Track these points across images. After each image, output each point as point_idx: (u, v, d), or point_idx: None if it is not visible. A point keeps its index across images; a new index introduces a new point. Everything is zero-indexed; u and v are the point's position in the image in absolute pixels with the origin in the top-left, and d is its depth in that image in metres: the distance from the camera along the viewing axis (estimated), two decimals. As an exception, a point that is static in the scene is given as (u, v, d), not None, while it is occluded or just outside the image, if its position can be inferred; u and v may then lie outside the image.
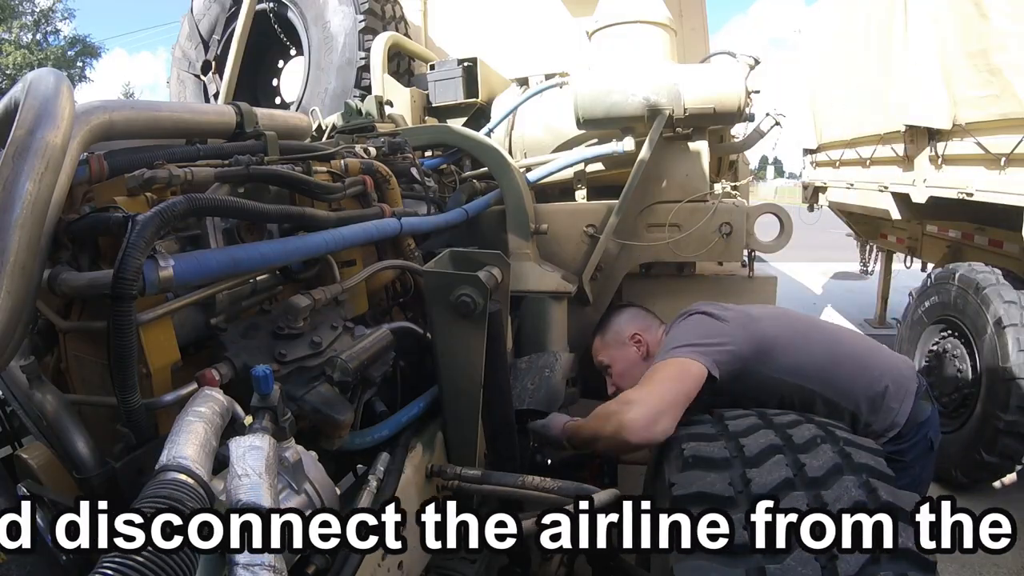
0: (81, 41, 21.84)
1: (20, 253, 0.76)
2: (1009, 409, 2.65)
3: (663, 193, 2.17)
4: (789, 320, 1.59)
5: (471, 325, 1.22)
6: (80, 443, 0.88)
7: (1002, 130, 2.82)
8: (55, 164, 0.80)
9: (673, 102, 2.03)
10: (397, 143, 1.78)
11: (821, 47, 5.44)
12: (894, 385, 1.47)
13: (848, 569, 0.83)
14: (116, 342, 0.78)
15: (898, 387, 1.48)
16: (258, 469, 0.71)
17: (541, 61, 2.83)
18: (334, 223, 1.25)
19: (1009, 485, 3.02)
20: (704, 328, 1.49)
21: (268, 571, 0.62)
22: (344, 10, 3.16)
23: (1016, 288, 2.86)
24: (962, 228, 3.71)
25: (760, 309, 1.64)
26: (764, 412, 1.27)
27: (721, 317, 1.51)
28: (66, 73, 1.21)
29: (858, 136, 4.59)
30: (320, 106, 2.97)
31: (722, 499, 0.97)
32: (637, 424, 1.28)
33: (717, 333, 1.47)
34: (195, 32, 3.68)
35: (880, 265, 5.80)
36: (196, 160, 1.15)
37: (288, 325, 1.09)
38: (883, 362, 1.52)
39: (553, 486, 1.24)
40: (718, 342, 1.44)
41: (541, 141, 2.49)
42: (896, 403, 1.46)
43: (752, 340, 1.47)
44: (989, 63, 2.80)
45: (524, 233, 2.06)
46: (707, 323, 1.51)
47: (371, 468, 1.15)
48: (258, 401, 0.86)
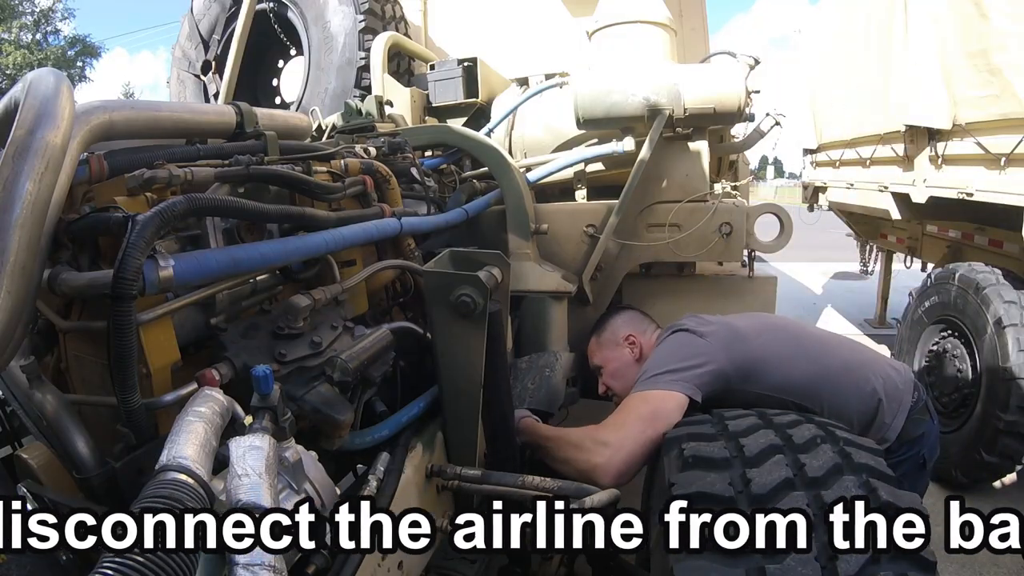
0: (81, 41, 21.85)
1: (20, 253, 0.76)
2: (1009, 409, 2.65)
3: (663, 193, 2.17)
4: (778, 332, 1.56)
5: (471, 325, 1.22)
6: (80, 443, 0.88)
7: (1002, 130, 2.83)
8: (55, 164, 0.80)
9: (673, 102, 2.03)
10: (397, 143, 1.78)
11: (821, 47, 5.44)
12: (888, 399, 1.45)
13: (848, 569, 0.83)
14: (116, 342, 0.78)
15: (891, 401, 1.46)
16: (258, 469, 0.71)
17: (541, 61, 2.83)
18: (334, 223, 1.25)
19: (1009, 485, 3.02)
20: (685, 350, 1.49)
21: (268, 571, 0.62)
22: (344, 10, 3.16)
23: (1016, 288, 2.86)
24: (962, 228, 3.71)
25: (748, 321, 1.61)
26: (764, 412, 1.27)
27: (702, 334, 1.50)
28: (66, 73, 1.21)
29: (858, 136, 4.59)
30: (320, 106, 2.97)
31: (722, 499, 0.97)
32: (608, 471, 1.34)
33: (697, 353, 1.46)
34: (195, 32, 3.69)
35: (880, 265, 5.80)
36: (196, 160, 1.15)
37: (288, 325, 1.09)
38: (877, 373, 1.49)
39: (553, 486, 1.24)
40: (698, 363, 1.44)
41: (541, 141, 2.49)
42: (889, 418, 1.45)
43: (735, 359, 1.46)
44: (989, 63, 2.80)
45: (524, 233, 2.06)
46: (687, 343, 1.50)
47: (371, 468, 1.15)
48: (258, 401, 0.86)
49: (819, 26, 5.53)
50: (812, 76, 5.69)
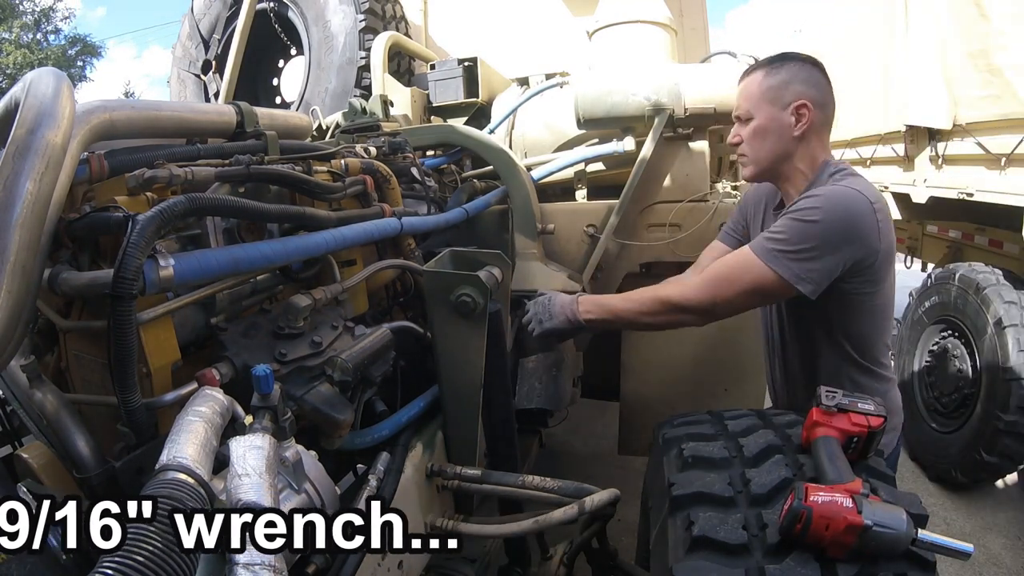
0: (81, 40, 21.84)
1: (20, 252, 0.76)
2: (1009, 409, 2.65)
3: (663, 193, 2.17)
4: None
5: (471, 325, 1.22)
6: (80, 442, 0.88)
7: (1002, 130, 2.83)
8: (55, 163, 0.80)
9: (674, 102, 2.03)
10: (398, 143, 1.78)
11: (821, 47, 5.43)
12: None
13: (848, 569, 0.83)
14: (116, 341, 0.78)
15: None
16: (258, 469, 0.71)
17: (542, 61, 2.83)
18: (334, 223, 1.25)
19: (1009, 485, 3.02)
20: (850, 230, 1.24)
21: (268, 571, 0.62)
22: (344, 9, 3.16)
23: (1016, 288, 2.86)
24: (962, 228, 3.71)
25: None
26: (764, 412, 1.27)
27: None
28: (66, 73, 1.20)
29: (858, 136, 4.59)
30: (320, 106, 2.97)
31: (722, 499, 0.97)
32: (698, 292, 1.30)
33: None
34: (196, 31, 3.69)
35: (880, 265, 5.79)
36: (196, 160, 1.15)
37: (288, 325, 1.09)
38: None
39: (553, 486, 1.24)
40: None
41: (542, 141, 2.49)
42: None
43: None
44: (990, 63, 2.80)
45: (531, 233, 2.07)
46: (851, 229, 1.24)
47: (371, 468, 1.15)
48: (258, 401, 0.86)
49: (819, 26, 5.52)
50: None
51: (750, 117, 1.39)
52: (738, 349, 2.13)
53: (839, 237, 1.21)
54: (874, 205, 1.23)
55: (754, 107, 1.38)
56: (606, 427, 3.44)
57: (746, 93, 1.40)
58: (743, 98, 1.41)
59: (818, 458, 0.96)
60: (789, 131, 1.35)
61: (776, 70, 1.36)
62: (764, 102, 1.36)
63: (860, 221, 1.21)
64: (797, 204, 1.27)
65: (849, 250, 1.21)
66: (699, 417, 1.28)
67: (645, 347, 2.26)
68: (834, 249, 1.21)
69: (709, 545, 0.89)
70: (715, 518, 0.92)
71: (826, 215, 1.21)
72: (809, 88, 1.34)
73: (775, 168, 1.40)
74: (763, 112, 1.37)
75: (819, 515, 0.82)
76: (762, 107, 1.37)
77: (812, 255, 1.21)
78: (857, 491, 0.86)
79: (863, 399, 1.02)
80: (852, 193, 1.23)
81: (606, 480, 1.27)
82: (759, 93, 1.37)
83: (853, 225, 1.21)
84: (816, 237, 1.21)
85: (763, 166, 1.40)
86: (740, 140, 1.42)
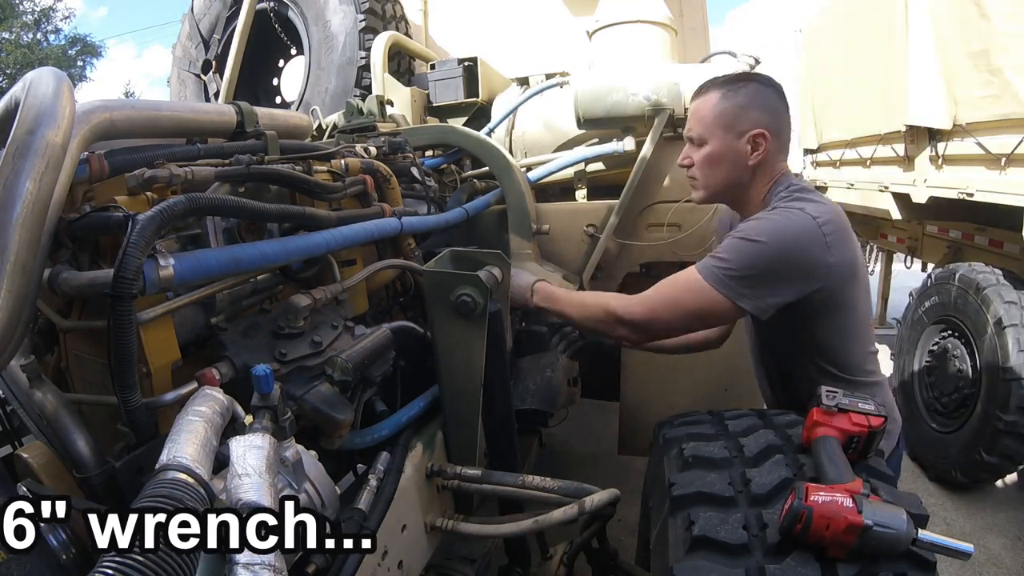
0: (81, 40, 21.84)
1: (21, 252, 0.76)
2: (1009, 409, 2.65)
3: (663, 193, 2.17)
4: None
5: (471, 325, 1.22)
6: (80, 442, 0.88)
7: (1002, 130, 2.83)
8: (55, 163, 0.80)
9: (674, 102, 2.03)
10: (397, 143, 1.78)
11: (821, 46, 5.44)
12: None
13: (848, 569, 0.83)
14: (116, 341, 0.78)
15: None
16: (258, 468, 0.71)
17: (541, 60, 2.84)
18: (334, 222, 1.25)
19: (1009, 485, 3.02)
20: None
21: (268, 571, 0.62)
22: (344, 9, 3.16)
23: (1016, 288, 2.86)
24: (962, 228, 3.71)
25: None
26: (764, 412, 1.27)
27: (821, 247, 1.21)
28: (66, 73, 1.20)
29: (858, 136, 4.59)
30: (320, 105, 2.97)
31: (722, 499, 0.97)
32: (629, 311, 1.28)
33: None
34: (195, 31, 3.69)
35: (880, 265, 5.79)
36: (196, 159, 1.15)
37: (288, 324, 1.09)
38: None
39: (553, 486, 1.24)
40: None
41: (541, 140, 2.50)
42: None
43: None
44: (990, 63, 2.80)
45: (526, 233, 2.07)
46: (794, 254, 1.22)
47: (371, 467, 1.15)
48: (258, 400, 0.86)
49: (819, 25, 5.52)
50: (812, 76, 5.69)
51: (703, 142, 1.31)
52: (738, 349, 2.12)
53: (783, 258, 1.17)
54: (817, 220, 1.17)
55: (707, 132, 1.30)
56: (606, 427, 3.43)
57: (699, 115, 1.32)
58: (696, 120, 1.33)
59: (818, 458, 0.96)
60: (744, 160, 1.28)
61: (733, 92, 1.28)
62: (718, 128, 1.29)
63: (803, 240, 1.17)
64: (741, 226, 1.24)
65: (796, 271, 1.18)
66: (699, 417, 1.28)
67: (645, 347, 2.26)
68: (778, 270, 1.17)
69: (709, 545, 0.89)
70: (715, 518, 0.92)
71: (770, 237, 1.17)
72: (766, 115, 1.27)
73: (727, 194, 1.37)
74: (717, 139, 1.29)
75: (819, 515, 0.82)
76: (716, 133, 1.29)
77: (755, 276, 1.18)
78: (857, 491, 0.86)
79: (864, 399, 1.02)
80: (795, 214, 1.19)
81: (606, 480, 1.27)
82: (712, 117, 1.29)
83: (796, 246, 1.17)
84: (759, 257, 1.17)
85: (714, 191, 1.36)
86: (691, 163, 1.35)
